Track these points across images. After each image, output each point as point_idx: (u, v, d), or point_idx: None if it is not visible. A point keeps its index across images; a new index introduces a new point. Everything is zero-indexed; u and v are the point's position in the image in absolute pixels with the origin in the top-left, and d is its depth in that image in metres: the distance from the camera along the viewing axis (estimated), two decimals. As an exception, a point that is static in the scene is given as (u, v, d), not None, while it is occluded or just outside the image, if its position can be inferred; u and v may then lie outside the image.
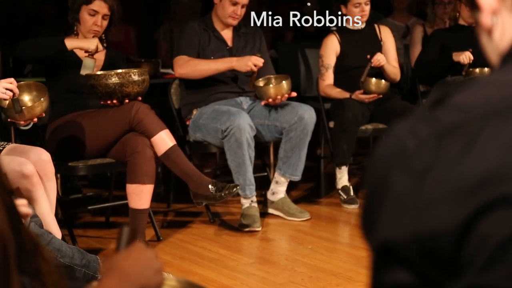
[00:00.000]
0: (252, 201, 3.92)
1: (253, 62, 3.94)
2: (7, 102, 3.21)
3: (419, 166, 0.65)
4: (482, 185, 0.62)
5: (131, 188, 3.44)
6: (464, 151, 0.64)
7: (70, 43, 3.54)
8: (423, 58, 4.75)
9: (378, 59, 4.37)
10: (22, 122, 3.24)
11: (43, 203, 2.98)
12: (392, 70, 4.50)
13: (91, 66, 3.58)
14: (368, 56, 4.38)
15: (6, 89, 3.07)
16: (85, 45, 3.56)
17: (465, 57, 4.44)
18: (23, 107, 3.23)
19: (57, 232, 2.99)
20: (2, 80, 3.10)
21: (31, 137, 3.70)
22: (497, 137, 0.63)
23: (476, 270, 0.60)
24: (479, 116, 0.65)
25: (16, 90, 3.11)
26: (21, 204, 2.98)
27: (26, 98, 3.37)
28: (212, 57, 4.08)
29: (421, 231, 0.64)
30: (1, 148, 3.15)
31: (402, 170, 0.66)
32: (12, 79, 3.12)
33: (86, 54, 3.58)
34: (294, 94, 4.01)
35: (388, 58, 4.53)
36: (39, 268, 1.03)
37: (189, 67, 4.01)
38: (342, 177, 4.36)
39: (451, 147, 0.64)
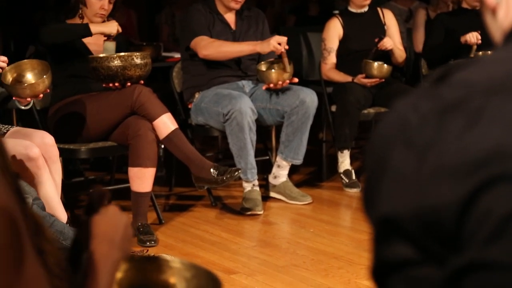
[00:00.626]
0: (254, 184, 3.92)
1: (277, 40, 3.90)
2: (10, 78, 3.24)
3: (421, 141, 0.65)
4: (484, 162, 0.62)
5: (133, 172, 3.44)
6: (467, 127, 0.63)
7: (94, 28, 3.56)
8: (431, 42, 4.71)
9: (385, 44, 4.35)
10: (28, 99, 3.25)
11: (48, 186, 2.99)
12: (399, 53, 4.49)
13: (112, 49, 3.63)
14: (376, 40, 4.37)
15: None
16: (107, 30, 3.60)
17: (472, 36, 4.39)
18: (26, 84, 3.24)
19: (62, 215, 3.00)
20: None
21: (33, 121, 3.70)
22: (501, 114, 0.63)
23: (478, 245, 0.60)
24: (482, 92, 0.65)
25: (4, 67, 3.15)
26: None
27: (29, 76, 3.37)
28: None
29: (422, 205, 0.63)
30: (5, 131, 3.16)
31: (404, 145, 0.66)
32: (4, 58, 3.15)
33: (105, 38, 3.62)
34: (295, 80, 4.00)
35: (393, 41, 4.51)
36: (42, 248, 1.03)
37: (213, 48, 3.97)
38: (344, 161, 4.37)
39: (453, 123, 0.64)
